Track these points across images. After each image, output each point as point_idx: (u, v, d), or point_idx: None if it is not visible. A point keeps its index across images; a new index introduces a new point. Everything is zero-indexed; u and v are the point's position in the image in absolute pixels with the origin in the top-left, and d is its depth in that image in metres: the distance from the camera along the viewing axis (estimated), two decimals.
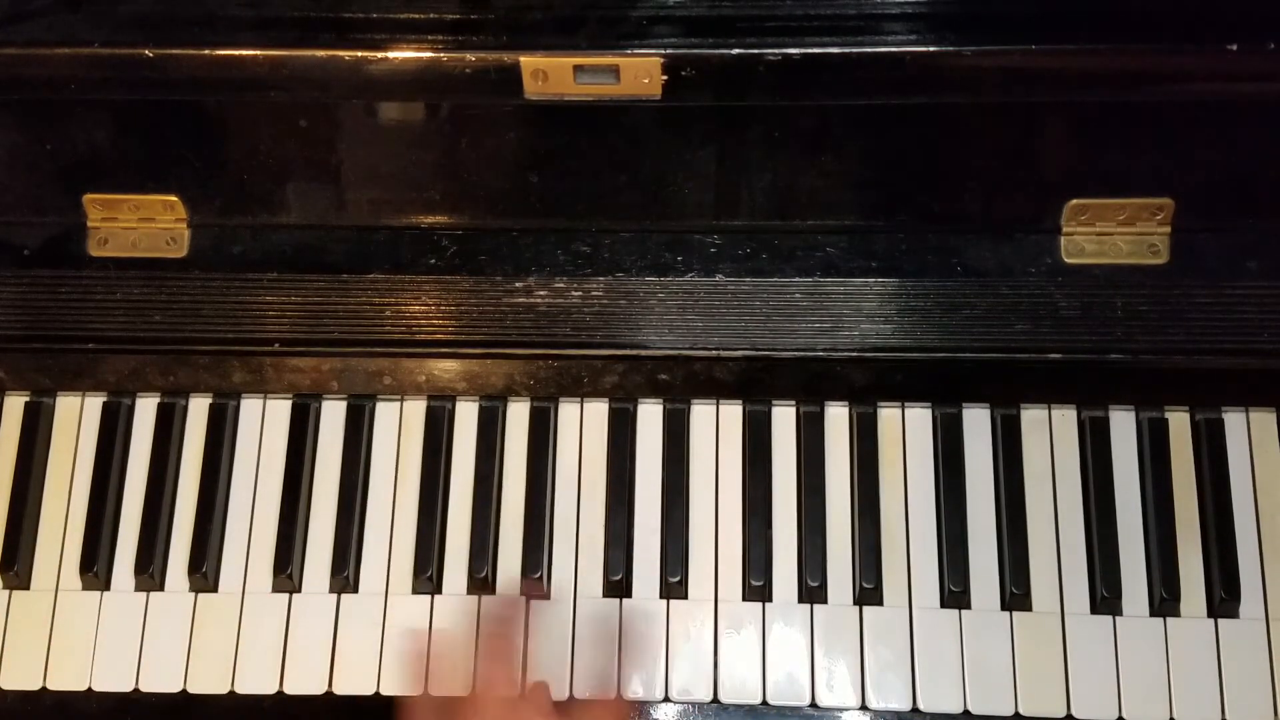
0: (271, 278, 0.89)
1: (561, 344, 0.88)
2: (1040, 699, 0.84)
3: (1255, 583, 0.86)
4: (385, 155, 0.87)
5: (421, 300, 0.89)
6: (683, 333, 0.88)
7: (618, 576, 0.88)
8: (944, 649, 0.86)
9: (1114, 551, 0.86)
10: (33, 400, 0.93)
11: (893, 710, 0.85)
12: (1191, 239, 0.87)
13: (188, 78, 0.79)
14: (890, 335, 0.87)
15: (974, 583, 0.87)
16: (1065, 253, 0.87)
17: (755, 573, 0.87)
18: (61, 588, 0.90)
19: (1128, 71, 0.78)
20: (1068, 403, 0.90)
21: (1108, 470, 0.88)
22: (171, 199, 0.89)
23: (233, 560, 0.90)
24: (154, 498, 0.91)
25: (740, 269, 0.88)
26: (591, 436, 0.91)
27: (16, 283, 0.90)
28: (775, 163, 0.85)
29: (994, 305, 0.87)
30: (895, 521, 0.88)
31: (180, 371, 0.91)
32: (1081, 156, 0.85)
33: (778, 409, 0.91)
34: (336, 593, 0.89)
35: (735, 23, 0.78)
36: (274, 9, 0.80)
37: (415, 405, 0.92)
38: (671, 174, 0.86)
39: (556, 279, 0.88)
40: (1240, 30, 0.76)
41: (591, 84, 0.78)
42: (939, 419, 0.90)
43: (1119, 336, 0.86)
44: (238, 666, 0.87)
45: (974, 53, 0.77)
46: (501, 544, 0.89)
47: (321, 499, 0.91)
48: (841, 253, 0.88)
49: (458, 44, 0.78)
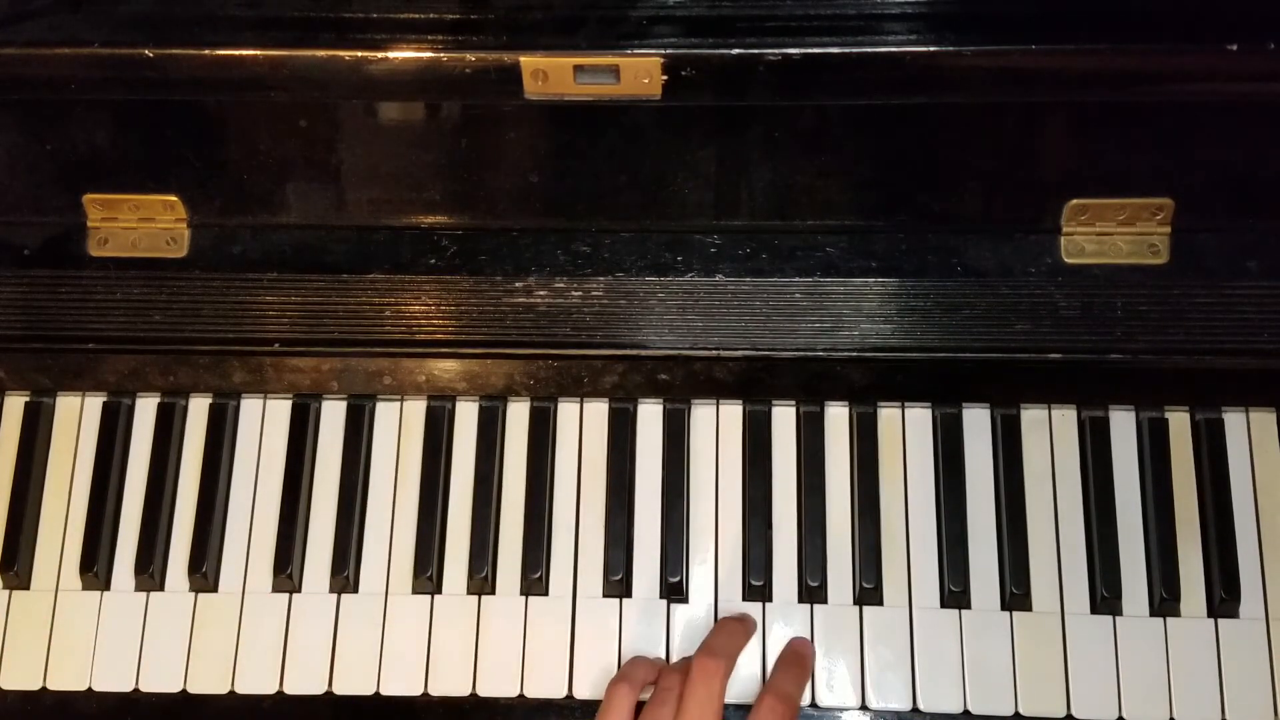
0: (271, 278, 0.89)
1: (561, 344, 0.88)
2: (1040, 699, 0.84)
3: (1255, 583, 0.86)
4: (385, 155, 0.87)
5: (421, 300, 0.89)
6: (683, 333, 0.88)
7: (618, 576, 0.88)
8: (944, 649, 0.86)
9: (1114, 551, 0.86)
10: (33, 400, 0.93)
11: (893, 710, 0.85)
12: (1191, 239, 0.87)
13: (188, 78, 0.79)
14: (890, 335, 0.87)
15: (974, 583, 0.87)
16: (1065, 253, 0.87)
17: (755, 573, 0.87)
18: (61, 588, 0.90)
19: (1128, 71, 0.78)
20: (1068, 403, 0.90)
21: (1108, 470, 0.88)
22: (171, 199, 0.89)
23: (233, 560, 0.90)
24: (154, 498, 0.91)
25: (740, 269, 0.88)
26: (591, 436, 0.91)
27: (16, 283, 0.90)
28: (775, 162, 0.85)
29: (994, 305, 0.87)
30: (895, 521, 0.88)
31: (180, 371, 0.91)
32: (1081, 156, 0.85)
33: (778, 409, 0.91)
34: (336, 593, 0.89)
35: (735, 23, 0.78)
36: (274, 9, 0.80)
37: (415, 405, 0.92)
38: (671, 174, 0.86)
39: (556, 279, 0.88)
40: (1240, 30, 0.76)
41: (591, 84, 0.78)
42: (939, 419, 0.90)
43: (1119, 336, 0.86)
44: (238, 666, 0.87)
45: (974, 53, 0.77)
46: (501, 544, 0.89)
47: (321, 499, 0.91)
48: (841, 253, 0.88)
49: (458, 44, 0.78)
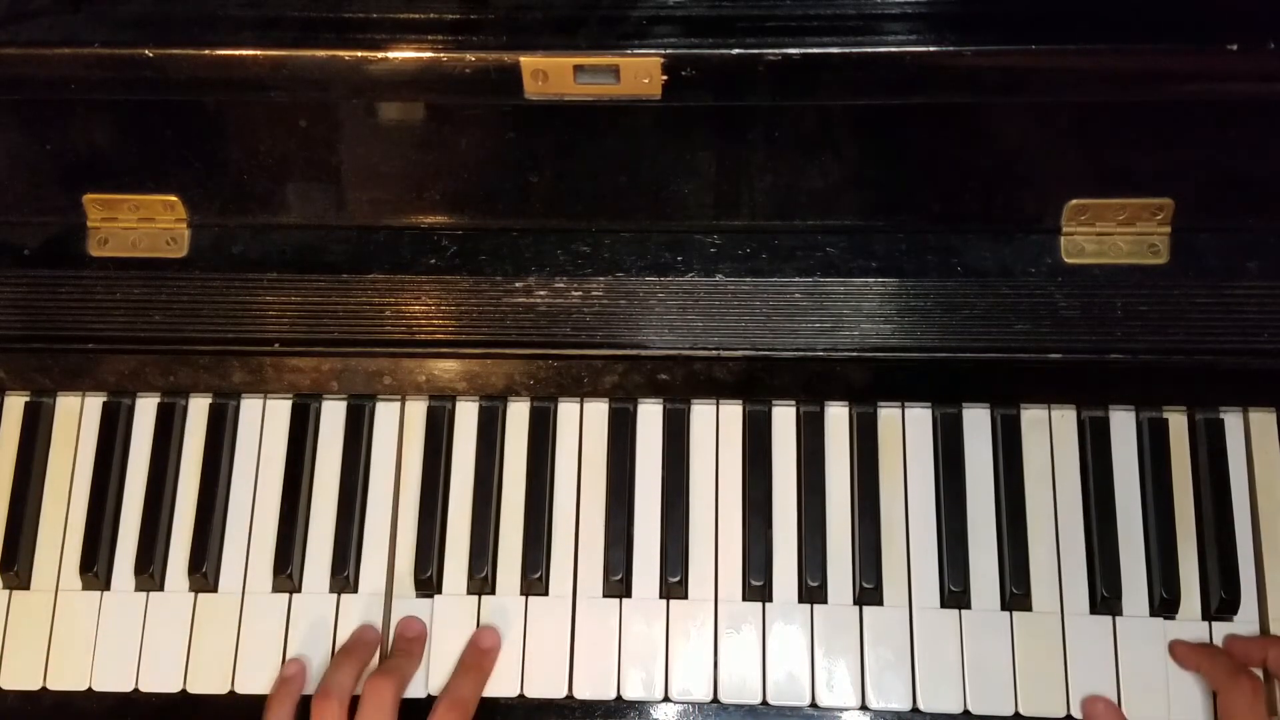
0: (271, 278, 0.89)
1: (561, 344, 0.88)
2: (1040, 699, 0.84)
3: (1253, 583, 0.86)
4: (385, 155, 0.87)
5: (421, 300, 0.89)
6: (683, 333, 0.88)
7: (618, 576, 0.88)
8: (944, 649, 0.86)
9: (1114, 551, 0.87)
10: (33, 400, 0.93)
11: (893, 710, 0.85)
12: (1191, 239, 0.87)
13: (188, 78, 0.79)
14: (890, 335, 0.87)
15: (974, 583, 0.87)
16: (1065, 253, 0.87)
17: (755, 573, 0.87)
18: (61, 588, 0.90)
19: (1128, 71, 0.78)
20: (1068, 403, 0.90)
21: (1108, 470, 0.88)
22: (171, 199, 0.89)
23: (233, 560, 0.90)
24: (154, 498, 0.91)
25: (740, 269, 0.88)
26: (591, 436, 0.91)
27: (16, 283, 0.90)
28: (775, 162, 0.85)
29: (994, 305, 0.87)
30: (895, 521, 0.88)
31: (180, 371, 0.91)
32: (1081, 156, 0.85)
33: (778, 409, 0.91)
34: (336, 593, 0.89)
35: (735, 23, 0.77)
36: (274, 9, 0.80)
37: (415, 405, 0.92)
38: (671, 174, 0.86)
39: (556, 279, 0.88)
40: (1240, 30, 0.76)
41: (591, 84, 0.78)
42: (939, 419, 0.90)
43: (1119, 336, 0.86)
44: (238, 666, 0.87)
45: (974, 53, 0.77)
46: (501, 544, 0.89)
47: (321, 499, 0.91)
48: (841, 253, 0.88)
49: (458, 44, 0.78)
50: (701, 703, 0.86)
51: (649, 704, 0.86)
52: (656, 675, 0.86)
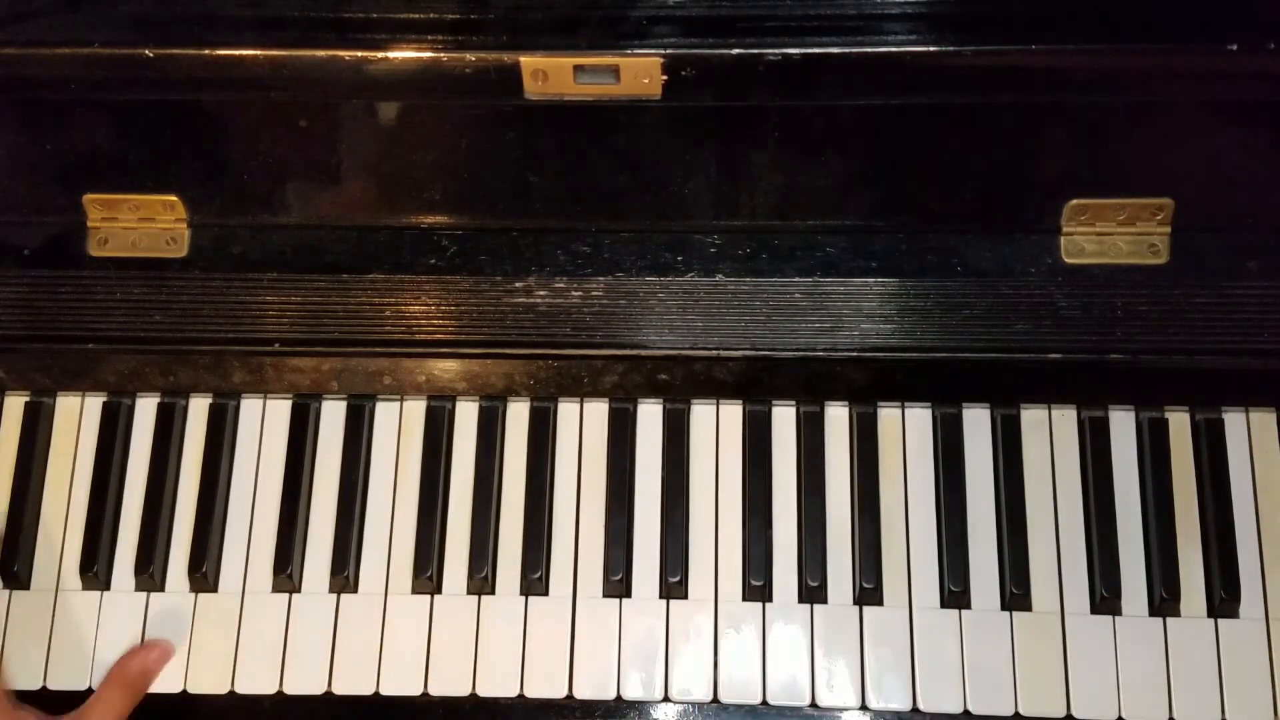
0: (271, 278, 0.89)
1: (561, 344, 0.88)
2: (1040, 699, 0.84)
3: (1255, 582, 0.86)
4: (385, 155, 0.87)
5: (421, 300, 0.89)
6: (683, 333, 0.88)
7: (618, 576, 0.88)
8: (944, 649, 0.86)
9: (1114, 551, 0.86)
10: (33, 400, 0.93)
11: (893, 710, 0.85)
12: (1191, 239, 0.87)
13: (188, 78, 0.79)
14: (890, 335, 0.87)
15: (974, 583, 0.87)
16: (1065, 253, 0.87)
17: (755, 573, 0.87)
18: (61, 588, 0.90)
19: (1128, 71, 0.78)
20: (1068, 403, 0.90)
21: (1108, 470, 0.88)
22: (171, 199, 0.89)
23: (233, 560, 0.90)
24: (154, 498, 0.91)
25: (740, 269, 0.88)
26: (591, 436, 0.91)
27: (16, 283, 0.90)
28: (775, 162, 0.85)
29: (994, 305, 0.87)
30: (895, 521, 0.88)
31: (180, 371, 0.91)
32: (1082, 156, 0.85)
33: (778, 409, 0.91)
34: (336, 593, 0.89)
35: (735, 23, 0.78)
36: (274, 9, 0.80)
37: (415, 405, 0.92)
38: (671, 174, 0.86)
39: (556, 279, 0.88)
40: (1240, 30, 0.76)
41: (591, 84, 0.78)
42: (939, 419, 0.90)
43: (1119, 336, 0.86)
44: (238, 666, 0.87)
45: (974, 53, 0.77)
46: (501, 544, 0.89)
47: (321, 499, 0.91)
48: (841, 253, 0.88)
49: (458, 44, 0.78)
50: (701, 703, 0.86)
51: (649, 704, 0.86)
52: (656, 675, 0.86)
